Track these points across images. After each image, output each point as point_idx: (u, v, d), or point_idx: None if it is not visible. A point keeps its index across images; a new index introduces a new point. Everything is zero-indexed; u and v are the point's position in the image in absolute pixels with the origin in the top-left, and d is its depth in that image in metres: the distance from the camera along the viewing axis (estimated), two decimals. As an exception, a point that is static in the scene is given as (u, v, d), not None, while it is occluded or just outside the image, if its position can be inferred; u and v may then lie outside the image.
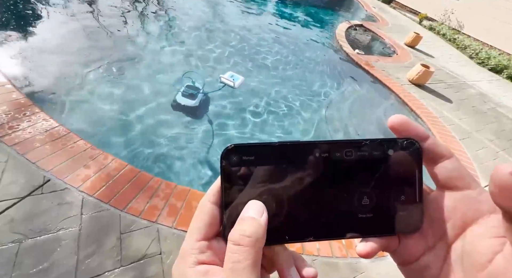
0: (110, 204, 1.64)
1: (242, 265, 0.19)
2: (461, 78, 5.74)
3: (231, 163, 0.22)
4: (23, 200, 1.54)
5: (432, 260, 0.22)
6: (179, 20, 4.74)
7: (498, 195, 0.16)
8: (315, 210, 0.23)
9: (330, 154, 0.22)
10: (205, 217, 0.22)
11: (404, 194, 0.23)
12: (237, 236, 0.20)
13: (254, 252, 0.19)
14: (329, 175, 0.23)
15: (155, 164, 2.26)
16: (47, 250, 1.37)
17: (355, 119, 3.56)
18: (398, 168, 0.23)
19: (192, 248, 0.22)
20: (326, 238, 0.23)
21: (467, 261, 0.19)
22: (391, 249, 0.23)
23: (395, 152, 0.23)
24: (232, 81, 3.25)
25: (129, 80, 3.01)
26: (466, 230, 0.20)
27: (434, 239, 0.22)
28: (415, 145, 0.23)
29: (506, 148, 3.61)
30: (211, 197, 0.23)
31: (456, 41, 8.10)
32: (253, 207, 0.21)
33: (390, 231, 0.23)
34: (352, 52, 5.29)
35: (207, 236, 0.22)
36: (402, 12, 10.91)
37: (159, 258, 1.49)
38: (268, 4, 7.36)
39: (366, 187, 0.23)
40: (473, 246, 0.19)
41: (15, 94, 2.15)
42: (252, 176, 0.22)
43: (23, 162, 1.71)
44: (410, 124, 0.23)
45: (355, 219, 0.23)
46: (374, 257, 1.88)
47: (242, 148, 0.22)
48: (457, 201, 0.21)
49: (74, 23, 3.62)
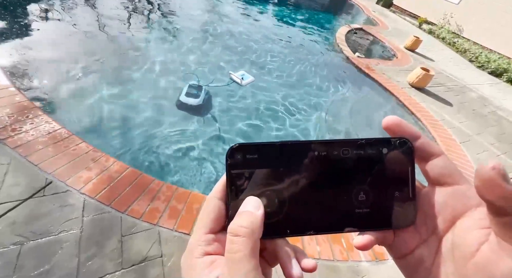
0: (111, 207, 1.65)
1: (239, 255, 0.20)
2: (461, 81, 5.76)
3: (236, 161, 0.23)
4: (25, 202, 1.54)
5: (425, 252, 0.23)
6: (182, 23, 4.78)
7: (482, 188, 0.17)
8: (315, 205, 0.24)
9: (328, 152, 0.24)
10: (212, 212, 0.24)
11: (398, 190, 0.24)
12: (235, 227, 0.21)
13: (251, 242, 0.20)
14: (327, 173, 0.24)
15: (157, 165, 2.26)
16: (48, 253, 1.38)
17: (355, 122, 3.57)
18: (392, 165, 0.24)
19: (199, 240, 0.23)
20: (325, 232, 0.24)
21: (457, 252, 0.20)
22: (387, 243, 0.25)
23: (389, 151, 0.24)
24: (240, 79, 3.35)
25: (132, 82, 3.03)
26: (456, 223, 0.21)
27: (427, 232, 0.23)
28: (407, 144, 0.24)
29: (507, 151, 3.61)
30: (217, 193, 0.24)
31: (456, 44, 8.14)
32: (250, 202, 0.22)
33: (385, 225, 0.24)
34: (352, 55, 5.32)
35: (213, 230, 0.23)
36: (402, 16, 10.99)
37: (160, 261, 1.49)
38: (268, 8, 7.43)
39: (362, 184, 0.24)
40: (461, 238, 0.20)
41: (19, 97, 2.17)
42: (256, 173, 0.23)
43: (26, 164, 1.72)
44: (402, 124, 0.24)
45: (352, 214, 0.24)
46: (375, 260, 1.86)
47: (246, 147, 0.23)
48: (447, 196, 0.22)
49: (79, 27, 3.66)
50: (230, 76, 3.45)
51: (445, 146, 3.33)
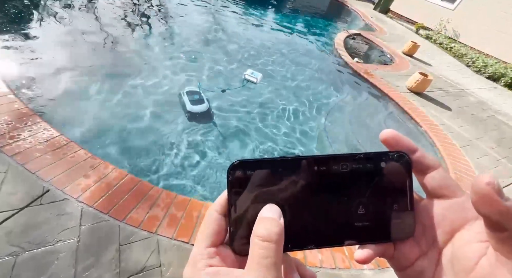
0: (109, 215, 1.62)
1: (269, 261, 0.20)
2: (460, 86, 5.79)
3: (236, 177, 0.24)
4: (21, 211, 1.52)
5: (425, 264, 0.23)
6: (182, 30, 4.82)
7: (477, 203, 0.18)
8: (315, 219, 0.24)
9: (327, 167, 0.24)
10: (213, 226, 0.24)
11: (397, 203, 0.25)
12: (266, 233, 0.21)
13: (280, 249, 0.21)
14: (327, 187, 0.24)
15: (157, 174, 2.24)
16: (45, 263, 1.35)
17: (355, 127, 3.57)
18: (390, 179, 0.24)
19: (202, 254, 0.23)
20: (326, 246, 0.24)
21: (457, 265, 0.21)
22: (387, 255, 0.25)
23: (387, 164, 0.24)
24: (255, 77, 3.50)
25: (130, 90, 3.03)
26: (455, 236, 0.22)
27: (427, 245, 0.23)
28: (405, 157, 0.24)
29: (507, 155, 3.60)
30: (218, 207, 0.25)
31: (453, 49, 8.22)
32: (272, 209, 0.23)
33: (385, 238, 0.25)
34: (351, 60, 5.36)
35: (214, 243, 0.24)
36: (399, 21, 11.12)
37: (158, 270, 1.46)
38: (267, 14, 7.51)
39: (361, 197, 0.24)
40: (461, 251, 0.21)
41: (17, 104, 2.16)
42: (256, 189, 0.23)
43: (23, 172, 1.70)
44: (400, 137, 0.24)
45: (352, 228, 0.24)
46: (378, 269, 1.83)
47: (247, 163, 0.24)
48: (445, 209, 0.23)
49: (77, 34, 3.68)
50: (245, 77, 3.57)
51: (446, 151, 3.32)
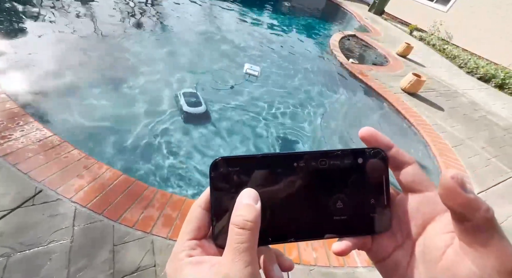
0: (103, 215, 1.61)
1: (244, 246, 0.21)
2: (452, 86, 5.88)
3: (219, 174, 0.24)
4: (13, 212, 1.50)
5: (401, 256, 0.24)
6: (178, 29, 4.80)
7: (444, 196, 0.19)
8: (295, 214, 0.25)
9: (307, 163, 0.25)
10: (196, 221, 0.25)
11: (374, 197, 0.25)
12: (241, 221, 0.22)
13: (255, 235, 0.22)
14: (306, 182, 0.25)
15: (152, 174, 2.23)
16: (37, 265, 1.33)
17: (350, 127, 3.60)
18: (368, 174, 0.25)
19: (183, 246, 0.24)
20: (306, 239, 0.25)
21: (427, 255, 0.22)
22: (365, 248, 0.26)
23: (364, 161, 0.25)
24: (256, 71, 3.58)
25: (125, 89, 3.01)
26: (427, 228, 0.23)
27: (402, 237, 0.25)
28: (381, 153, 0.25)
29: (497, 155, 3.67)
30: (202, 203, 0.25)
31: (446, 51, 8.35)
32: (249, 194, 0.23)
33: (363, 231, 0.25)
34: (346, 61, 5.40)
35: (196, 237, 0.25)
36: (393, 23, 11.26)
37: (153, 270, 1.46)
38: (263, 15, 7.53)
39: (339, 192, 0.25)
40: (430, 242, 0.22)
41: (9, 104, 2.13)
42: (238, 185, 0.24)
43: (15, 173, 1.68)
44: (377, 135, 0.25)
45: (331, 221, 0.25)
46: (371, 266, 1.85)
47: (229, 160, 0.24)
48: (418, 203, 0.24)
49: (72, 34, 3.64)
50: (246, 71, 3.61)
51: (438, 150, 3.37)
